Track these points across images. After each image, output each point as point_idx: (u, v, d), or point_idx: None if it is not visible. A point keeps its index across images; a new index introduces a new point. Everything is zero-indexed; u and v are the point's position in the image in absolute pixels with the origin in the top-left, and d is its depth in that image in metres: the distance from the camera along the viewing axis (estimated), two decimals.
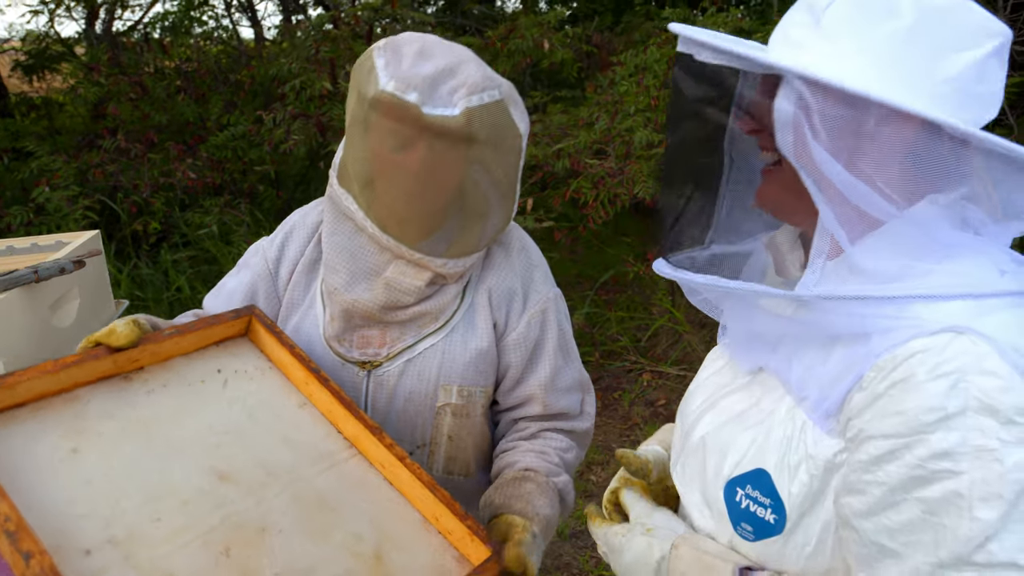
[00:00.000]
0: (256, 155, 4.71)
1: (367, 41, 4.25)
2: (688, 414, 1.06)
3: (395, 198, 1.22)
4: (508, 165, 1.26)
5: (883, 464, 0.76)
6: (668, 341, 4.59)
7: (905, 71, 0.78)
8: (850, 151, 0.79)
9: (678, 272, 0.95)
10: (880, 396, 0.77)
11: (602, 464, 3.70)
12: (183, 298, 4.73)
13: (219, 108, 5.08)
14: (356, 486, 1.15)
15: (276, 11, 9.96)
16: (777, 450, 0.87)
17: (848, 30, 0.80)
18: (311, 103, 4.10)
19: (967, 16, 0.79)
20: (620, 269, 4.96)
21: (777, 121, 0.77)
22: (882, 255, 0.80)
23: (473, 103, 1.17)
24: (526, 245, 1.45)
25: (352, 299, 1.31)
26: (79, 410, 1.02)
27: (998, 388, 0.72)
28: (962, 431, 0.71)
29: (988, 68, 0.80)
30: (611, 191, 3.84)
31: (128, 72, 4.87)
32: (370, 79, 1.19)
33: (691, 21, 5.41)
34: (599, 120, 4.12)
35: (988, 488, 0.70)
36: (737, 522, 0.90)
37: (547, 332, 1.40)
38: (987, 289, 0.78)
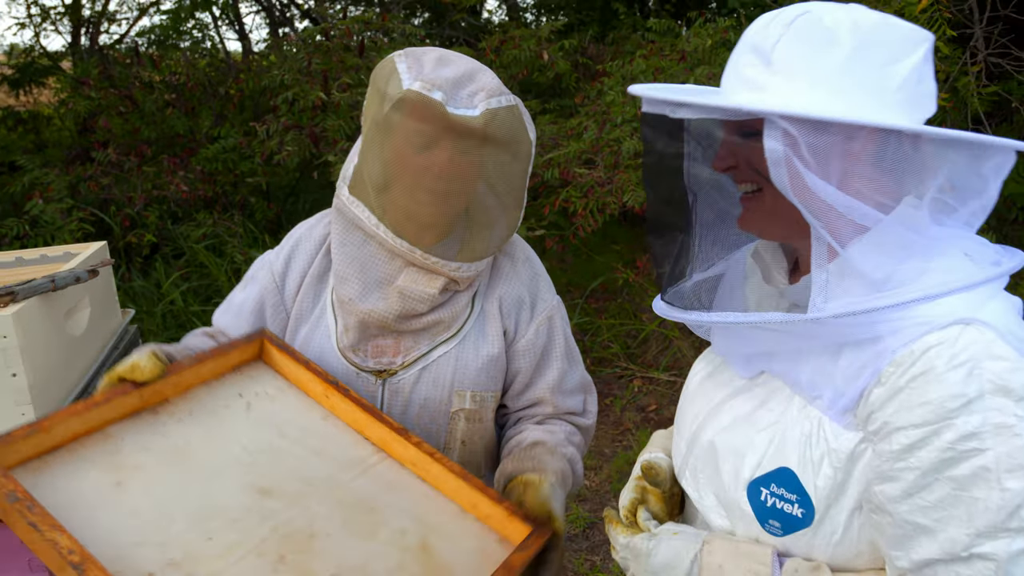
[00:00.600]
0: (247, 167, 4.74)
1: (359, 54, 4.30)
2: (689, 420, 1.10)
3: (413, 200, 1.25)
4: (520, 171, 1.31)
5: (915, 451, 0.82)
6: (658, 347, 4.65)
7: (861, 91, 0.86)
8: (839, 172, 0.86)
9: (680, 313, 1.00)
10: (902, 389, 0.83)
11: (595, 469, 3.74)
12: (176, 310, 4.74)
13: (209, 121, 5.10)
14: (392, 486, 1.19)
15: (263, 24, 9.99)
16: (797, 448, 0.92)
17: (799, 66, 0.87)
18: (303, 114, 4.14)
19: (894, 30, 0.88)
20: (609, 277, 5.02)
21: (770, 160, 0.83)
22: (872, 257, 0.87)
23: (492, 105, 1.23)
24: (529, 256, 1.50)
25: (368, 309, 1.33)
26: (114, 446, 1.06)
27: (1008, 370, 0.80)
28: (982, 412, 0.79)
29: (924, 70, 0.89)
30: (600, 200, 3.90)
31: (118, 86, 4.88)
32: (393, 82, 1.23)
33: (676, 32, 5.50)
34: (588, 130, 4.18)
35: (1013, 460, 0.78)
36: (764, 520, 0.95)
37: (554, 338, 1.46)
38: (975, 279, 0.85)
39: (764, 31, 0.90)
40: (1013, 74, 4.30)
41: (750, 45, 0.92)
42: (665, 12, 7.46)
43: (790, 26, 0.88)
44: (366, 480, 1.18)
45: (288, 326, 1.44)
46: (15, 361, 1.21)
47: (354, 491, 1.15)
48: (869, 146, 0.86)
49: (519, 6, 8.73)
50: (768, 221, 0.96)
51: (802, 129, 0.82)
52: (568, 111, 5.15)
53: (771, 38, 0.89)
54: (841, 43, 0.86)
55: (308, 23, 8.77)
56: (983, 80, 4.11)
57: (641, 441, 3.85)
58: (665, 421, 4.13)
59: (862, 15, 0.87)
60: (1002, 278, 0.88)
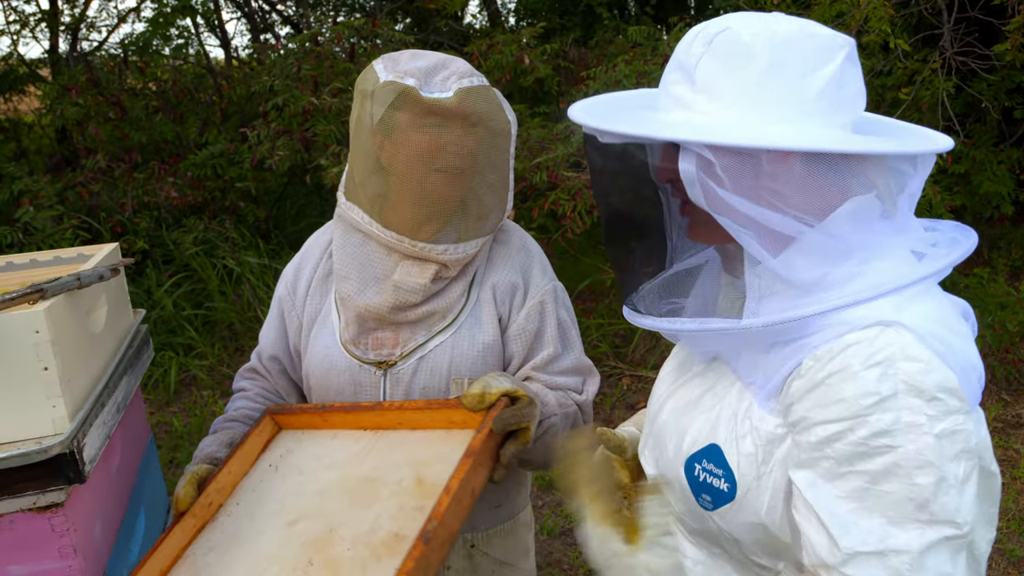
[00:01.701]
0: (236, 172, 4.76)
1: (350, 58, 4.35)
2: (654, 401, 1.16)
3: (397, 187, 1.31)
4: (500, 150, 1.36)
5: (831, 443, 0.86)
6: (646, 346, 4.73)
7: (778, 104, 0.88)
8: (754, 188, 0.88)
9: (641, 318, 1.04)
10: (819, 384, 0.87)
11: None
12: (166, 316, 4.75)
13: (197, 127, 5.12)
14: (390, 450, 1.32)
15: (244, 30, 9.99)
16: (727, 425, 0.98)
17: (719, 83, 0.90)
18: (294, 120, 4.18)
19: (812, 40, 0.90)
20: (596, 278, 5.10)
21: (685, 181, 0.87)
22: (800, 266, 0.90)
23: (464, 84, 1.30)
24: (526, 243, 1.54)
25: (364, 303, 1.40)
26: (190, 561, 1.30)
27: (921, 371, 0.83)
28: (895, 411, 0.83)
29: (846, 74, 0.90)
30: (588, 202, 3.97)
31: (105, 92, 4.89)
32: (370, 80, 1.32)
33: (657, 37, 5.59)
34: (575, 134, 4.25)
35: (922, 457, 0.82)
36: (698, 494, 1.00)
37: (546, 322, 1.49)
38: (905, 280, 0.89)
39: (688, 49, 0.93)
40: (980, 73, 4.44)
41: (677, 63, 0.94)
42: (646, 16, 7.58)
43: (710, 44, 0.90)
44: (370, 459, 1.32)
45: (302, 329, 1.52)
46: (47, 355, 1.25)
47: (359, 475, 1.29)
48: (779, 163, 0.88)
49: (500, 12, 8.81)
50: (708, 230, 0.98)
51: (715, 152, 0.85)
52: (553, 115, 5.22)
53: (694, 56, 0.91)
54: (758, 58, 0.88)
55: (290, 29, 8.80)
56: (952, 79, 4.23)
57: None
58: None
59: (780, 26, 0.90)
60: (933, 276, 0.91)
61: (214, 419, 1.59)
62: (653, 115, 0.97)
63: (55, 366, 1.26)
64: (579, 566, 3.11)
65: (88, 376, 1.44)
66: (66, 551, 1.31)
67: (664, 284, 1.12)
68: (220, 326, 4.89)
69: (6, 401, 1.24)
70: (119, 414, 1.54)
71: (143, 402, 1.89)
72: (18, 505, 1.27)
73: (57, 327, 1.28)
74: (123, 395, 1.59)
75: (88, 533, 1.39)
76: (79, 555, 1.32)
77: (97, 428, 1.39)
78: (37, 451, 1.22)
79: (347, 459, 1.35)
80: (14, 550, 1.29)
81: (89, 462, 1.33)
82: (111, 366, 1.58)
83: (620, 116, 0.96)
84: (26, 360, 1.24)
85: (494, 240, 1.52)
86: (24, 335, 1.23)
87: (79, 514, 1.35)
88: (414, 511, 1.19)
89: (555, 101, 5.44)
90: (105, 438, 1.43)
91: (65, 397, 1.28)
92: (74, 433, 1.28)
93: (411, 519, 1.18)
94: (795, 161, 0.88)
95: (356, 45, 4.42)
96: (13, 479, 1.25)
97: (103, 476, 1.49)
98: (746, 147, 0.85)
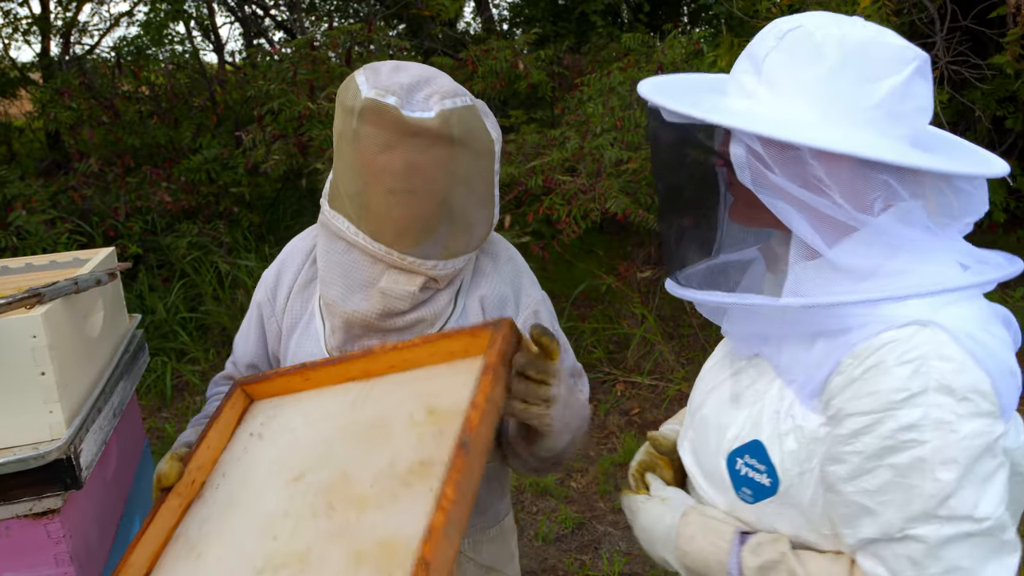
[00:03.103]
0: (230, 177, 4.75)
1: (346, 63, 4.35)
2: (696, 395, 1.20)
3: (383, 203, 1.30)
4: (484, 169, 1.35)
5: (860, 436, 0.90)
6: (640, 352, 4.73)
7: (837, 106, 0.91)
8: (801, 177, 0.92)
9: (684, 291, 1.08)
10: (856, 379, 0.91)
11: (581, 471, 3.80)
12: (158, 320, 4.73)
13: (191, 131, 5.11)
14: (390, 392, 1.27)
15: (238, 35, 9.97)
16: (770, 423, 1.01)
17: (784, 76, 0.94)
18: (289, 124, 4.17)
19: (883, 49, 0.92)
20: (591, 283, 5.10)
21: (734, 163, 0.92)
22: (857, 256, 0.94)
23: (447, 105, 1.28)
24: (512, 255, 1.55)
25: (351, 310, 1.38)
26: (184, 539, 1.23)
27: (953, 371, 0.86)
28: (924, 407, 0.86)
29: (911, 87, 0.93)
30: (584, 207, 3.98)
31: (99, 96, 4.87)
32: (351, 93, 1.30)
33: (650, 44, 5.61)
34: (570, 140, 4.26)
35: (946, 454, 0.85)
36: (738, 487, 1.04)
37: None
38: (949, 285, 0.92)
39: (760, 42, 0.98)
40: (973, 82, 4.47)
41: (748, 53, 0.99)
42: (639, 23, 7.61)
43: (782, 39, 0.95)
44: (368, 405, 1.26)
45: (281, 335, 1.50)
46: (44, 360, 1.24)
47: (362, 421, 1.23)
48: (822, 162, 0.91)
49: (494, 18, 8.83)
50: (750, 212, 1.03)
51: (763, 142, 0.90)
52: (547, 121, 5.24)
53: (764, 49, 0.96)
54: (826, 58, 0.91)
55: (283, 34, 8.80)
56: (945, 88, 4.26)
57: (626, 444, 3.92)
58: (649, 424, 4.20)
59: (853, 31, 0.93)
60: (978, 287, 0.94)
61: None
62: (714, 99, 1.01)
63: (52, 371, 1.25)
64: (574, 572, 3.10)
65: (85, 381, 1.43)
66: (62, 558, 1.30)
67: (709, 273, 1.15)
68: (213, 331, 4.87)
69: (3, 405, 1.23)
70: (115, 419, 1.53)
71: (139, 407, 1.87)
72: (14, 511, 1.26)
73: (54, 332, 1.28)
74: (119, 400, 1.58)
75: (84, 540, 1.38)
76: (75, 562, 1.31)
77: (94, 434, 1.38)
78: (34, 457, 1.21)
79: (343, 409, 1.27)
80: (9, 557, 1.27)
81: (86, 468, 1.32)
82: (108, 371, 1.57)
83: (682, 96, 0.99)
84: (23, 365, 1.23)
85: (480, 250, 1.51)
86: (21, 339, 1.22)
87: (75, 521, 1.34)
88: (434, 437, 1.13)
89: (549, 107, 5.46)
90: (101, 444, 1.42)
91: (62, 402, 1.28)
92: (71, 439, 1.27)
93: (434, 446, 1.11)
94: (842, 162, 0.91)
95: (352, 50, 4.42)
96: (9, 485, 1.24)
97: (99, 482, 1.48)
98: (791, 142, 0.89)
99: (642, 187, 4.17)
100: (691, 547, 1.05)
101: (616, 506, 3.49)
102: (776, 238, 1.14)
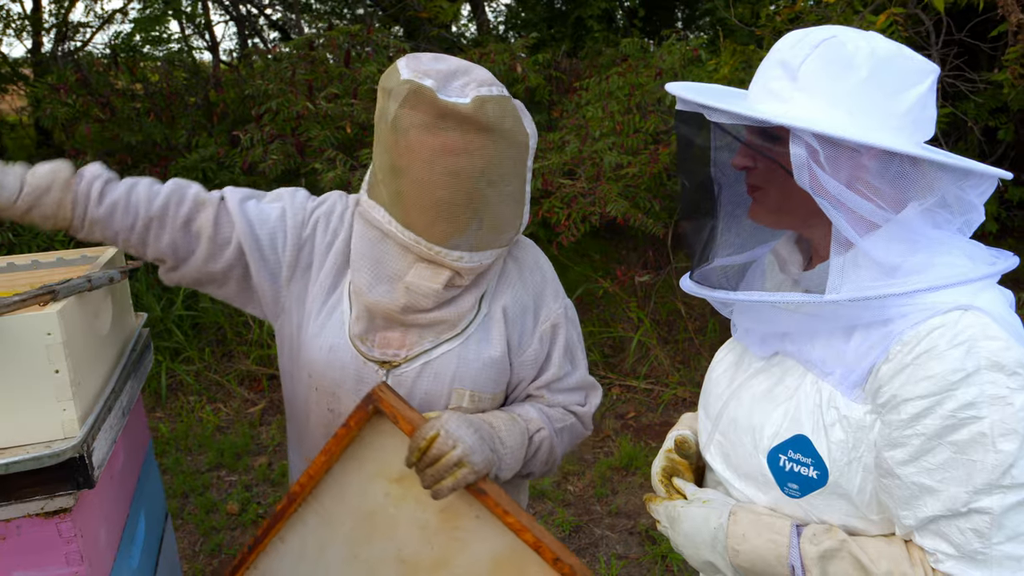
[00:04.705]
0: (227, 177, 4.72)
1: (345, 64, 4.34)
2: (713, 401, 1.21)
3: (415, 187, 1.31)
4: (516, 159, 1.36)
5: (920, 419, 0.94)
6: (636, 357, 4.74)
7: (872, 113, 0.98)
8: (848, 178, 0.98)
9: (707, 291, 1.12)
10: (908, 365, 0.95)
11: (577, 475, 3.80)
12: (153, 319, 4.69)
13: (187, 129, 5.08)
14: (343, 489, 1.46)
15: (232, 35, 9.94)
16: (811, 417, 1.03)
17: (821, 85, 0.98)
18: (287, 124, 4.15)
19: (906, 62, 1.00)
20: (588, 287, 5.11)
21: (795, 164, 0.95)
22: (887, 251, 0.98)
23: (483, 93, 1.30)
24: (540, 263, 1.56)
25: (374, 300, 1.39)
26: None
27: (1001, 348, 0.92)
28: (979, 385, 0.91)
29: (928, 98, 1.01)
30: (583, 210, 3.99)
31: (96, 92, 4.84)
32: (393, 78, 1.32)
33: (647, 49, 5.63)
34: (569, 144, 4.27)
35: (1005, 426, 0.90)
36: (783, 484, 1.05)
37: (555, 344, 1.52)
38: (974, 275, 0.98)
39: (792, 50, 1.02)
40: (968, 95, 4.51)
41: (778, 61, 1.03)
42: (634, 28, 7.63)
43: (816, 48, 0.99)
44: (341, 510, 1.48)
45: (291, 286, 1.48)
46: (59, 358, 1.23)
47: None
48: (874, 161, 0.98)
49: (490, 22, 8.83)
50: (773, 214, 1.09)
51: (822, 142, 0.95)
52: (545, 125, 5.24)
53: (799, 57, 1.00)
54: (859, 68, 0.97)
55: (277, 34, 8.77)
56: (940, 101, 4.31)
57: (622, 447, 3.93)
58: (644, 428, 4.22)
59: (880, 44, 0.99)
60: (996, 275, 1.01)
61: (200, 425, 1.60)
62: (749, 103, 1.05)
63: (66, 369, 1.24)
64: None
65: (96, 380, 1.42)
66: (73, 557, 1.29)
67: (724, 274, 1.19)
68: (208, 330, 4.84)
69: (16, 403, 1.22)
70: (124, 418, 1.52)
71: (143, 407, 1.86)
72: (25, 510, 1.25)
73: (69, 329, 1.27)
74: (127, 399, 1.57)
75: (94, 539, 1.37)
76: (86, 561, 1.30)
77: (105, 432, 1.37)
78: (49, 455, 1.20)
79: (332, 533, 1.47)
80: (20, 555, 1.26)
81: (98, 467, 1.31)
82: (117, 370, 1.56)
83: (726, 99, 1.03)
84: (37, 362, 1.22)
85: (508, 255, 1.52)
86: (36, 337, 1.21)
87: (86, 520, 1.33)
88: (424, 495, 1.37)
89: (547, 111, 5.46)
90: (112, 442, 1.41)
91: (75, 400, 1.26)
92: (85, 437, 1.26)
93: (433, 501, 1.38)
94: (886, 163, 0.98)
95: (351, 50, 4.41)
96: (20, 484, 1.23)
97: (107, 481, 1.47)
98: (859, 143, 0.94)
99: (641, 191, 4.18)
100: (744, 546, 1.07)
101: (614, 509, 3.49)
102: (783, 240, 1.18)
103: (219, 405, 4.33)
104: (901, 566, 0.97)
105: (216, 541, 3.25)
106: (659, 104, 4.41)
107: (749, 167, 1.08)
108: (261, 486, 3.67)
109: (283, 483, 3.66)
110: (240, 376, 4.57)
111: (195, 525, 3.36)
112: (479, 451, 1.32)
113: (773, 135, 1.01)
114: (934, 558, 0.96)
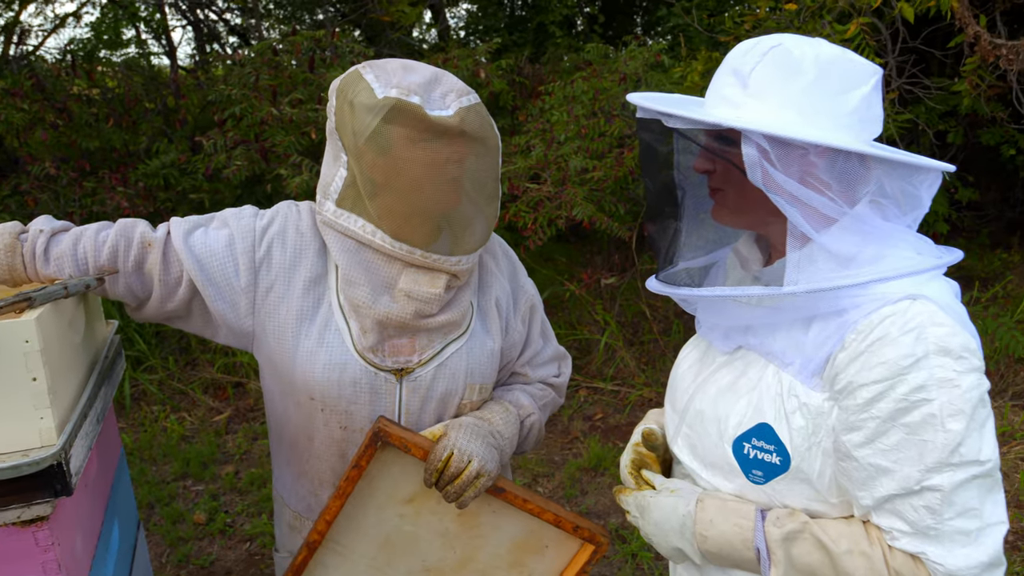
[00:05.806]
0: (189, 183, 4.67)
1: (309, 69, 4.32)
2: (679, 396, 1.27)
3: (407, 202, 1.31)
4: (493, 163, 1.40)
5: (875, 403, 0.99)
6: (602, 359, 4.79)
7: (818, 114, 1.03)
8: (799, 176, 1.03)
9: (672, 289, 1.17)
10: (862, 352, 1.01)
11: (547, 476, 3.83)
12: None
13: (147, 135, 5.01)
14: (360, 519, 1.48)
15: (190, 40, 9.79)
16: (773, 406, 1.09)
17: (770, 89, 1.04)
18: (251, 129, 4.12)
19: (850, 64, 1.05)
20: (555, 290, 5.15)
21: (747, 164, 1.01)
22: (842, 243, 1.04)
23: (463, 103, 1.33)
24: (505, 248, 1.62)
25: (384, 311, 1.38)
26: None
27: (948, 334, 0.98)
28: (928, 369, 0.97)
29: (873, 98, 1.06)
30: (550, 214, 4.03)
31: (52, 98, 4.74)
32: (365, 93, 1.30)
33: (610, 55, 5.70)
34: (535, 148, 4.31)
35: (953, 407, 0.96)
36: (748, 471, 1.11)
37: (533, 324, 1.61)
38: (922, 266, 1.04)
39: (743, 58, 1.08)
40: (923, 99, 4.66)
41: (731, 69, 1.09)
42: (595, 34, 7.72)
43: (765, 55, 1.05)
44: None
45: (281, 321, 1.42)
46: (36, 366, 1.22)
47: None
48: (821, 159, 1.03)
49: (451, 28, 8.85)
50: (734, 214, 1.15)
51: (771, 142, 1.00)
52: (508, 129, 5.27)
53: (749, 64, 1.06)
54: (805, 72, 1.03)
55: (236, 39, 8.67)
56: (897, 107, 4.44)
57: (590, 448, 3.97)
58: (611, 429, 4.26)
59: (824, 49, 1.05)
60: (943, 267, 1.08)
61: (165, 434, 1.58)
62: (705, 110, 1.10)
63: (44, 377, 1.23)
64: None
65: (71, 387, 1.41)
66: (50, 566, 1.28)
67: (688, 272, 1.25)
68: (171, 339, 4.77)
69: None
70: (99, 426, 1.51)
71: (114, 414, 1.84)
72: (2, 519, 1.23)
73: (46, 337, 1.26)
74: (101, 406, 1.55)
75: (71, 548, 1.35)
76: (63, 570, 1.29)
77: (81, 440, 1.36)
78: (28, 464, 1.19)
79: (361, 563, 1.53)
80: None
81: (75, 474, 1.30)
82: (92, 377, 1.55)
83: (682, 106, 1.08)
84: (15, 370, 1.21)
85: None
86: (14, 344, 1.20)
87: (63, 528, 1.32)
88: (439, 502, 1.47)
89: (510, 115, 5.50)
90: (88, 450, 1.40)
91: (53, 408, 1.25)
92: (64, 445, 1.25)
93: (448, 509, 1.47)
94: (833, 160, 1.03)
95: (315, 55, 4.39)
96: None
97: (83, 489, 1.45)
98: (803, 141, 0.99)
99: (607, 195, 4.23)
100: (712, 531, 1.12)
101: (584, 509, 3.53)
102: (743, 240, 1.24)
103: (184, 414, 4.27)
104: (860, 544, 1.03)
105: (184, 551, 3.21)
106: (624, 109, 4.47)
107: (709, 170, 1.13)
108: (229, 495, 3.63)
109: (251, 491, 3.63)
110: (204, 384, 4.51)
111: (162, 536, 3.31)
112: (491, 458, 1.39)
113: (728, 139, 1.07)
114: (890, 535, 1.01)
